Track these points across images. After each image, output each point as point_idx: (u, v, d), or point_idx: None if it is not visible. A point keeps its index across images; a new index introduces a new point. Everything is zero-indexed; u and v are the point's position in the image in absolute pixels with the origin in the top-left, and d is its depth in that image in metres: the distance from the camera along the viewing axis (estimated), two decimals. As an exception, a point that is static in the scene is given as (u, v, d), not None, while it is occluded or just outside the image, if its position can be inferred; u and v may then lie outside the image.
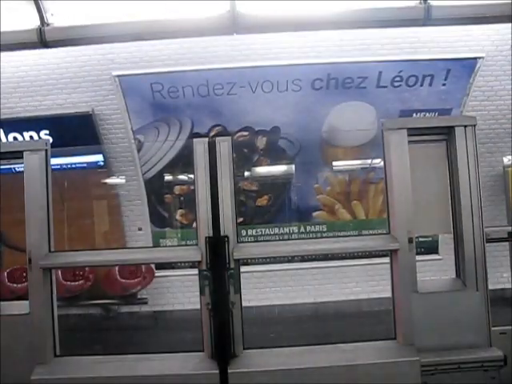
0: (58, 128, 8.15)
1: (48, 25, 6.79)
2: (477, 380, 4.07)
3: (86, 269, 8.44)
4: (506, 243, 5.24)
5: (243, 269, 4.28)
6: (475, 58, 8.12)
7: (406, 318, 4.16)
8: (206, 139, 4.27)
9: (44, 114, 8.31)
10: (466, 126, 4.32)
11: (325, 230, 8.97)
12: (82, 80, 8.27)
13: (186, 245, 7.98)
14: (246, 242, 8.06)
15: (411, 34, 7.77)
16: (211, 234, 4.10)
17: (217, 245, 4.08)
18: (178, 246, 8.49)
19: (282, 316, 8.48)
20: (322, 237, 8.63)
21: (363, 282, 8.71)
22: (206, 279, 4.09)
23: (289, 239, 8.54)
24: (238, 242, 4.23)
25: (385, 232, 4.38)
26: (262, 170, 9.03)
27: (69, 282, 8.51)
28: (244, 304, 4.22)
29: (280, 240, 8.54)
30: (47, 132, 8.29)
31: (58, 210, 5.10)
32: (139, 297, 8.69)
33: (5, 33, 6.57)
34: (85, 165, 8.74)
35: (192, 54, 8.08)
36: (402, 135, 4.28)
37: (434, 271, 7.72)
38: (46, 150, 4.34)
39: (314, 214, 9.00)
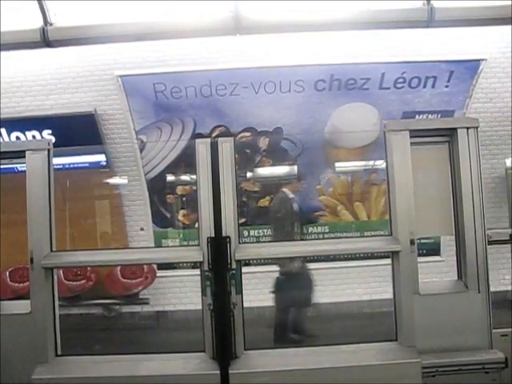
0: (61, 127, 8.14)
1: (51, 24, 6.80)
2: (478, 382, 4.07)
3: (88, 268, 8.45)
4: (508, 245, 5.24)
5: (245, 269, 4.28)
6: (478, 60, 8.12)
7: (407, 319, 4.16)
8: (209, 140, 4.27)
9: (47, 113, 8.31)
10: (468, 128, 4.32)
11: (327, 231, 8.98)
12: (85, 80, 8.28)
13: (188, 245, 7.98)
14: (247, 242, 8.06)
15: (414, 35, 7.75)
16: (213, 235, 4.10)
17: (218, 245, 4.08)
18: (180, 246, 8.49)
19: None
20: (324, 238, 8.64)
21: (365, 284, 8.70)
22: (208, 280, 4.09)
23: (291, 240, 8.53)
24: (239, 242, 4.23)
25: (387, 233, 4.38)
26: (265, 170, 9.02)
27: (70, 282, 8.53)
28: (245, 305, 4.22)
29: (282, 241, 8.54)
30: (50, 131, 8.27)
31: (60, 209, 5.09)
32: (141, 297, 8.70)
33: (8, 32, 6.58)
34: (87, 164, 8.74)
35: (195, 55, 8.08)
36: (404, 137, 4.28)
37: (436, 273, 7.71)
38: (49, 150, 4.34)
39: (316, 214, 9.00)
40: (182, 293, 8.80)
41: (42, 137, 8.23)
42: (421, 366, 3.95)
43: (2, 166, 4.58)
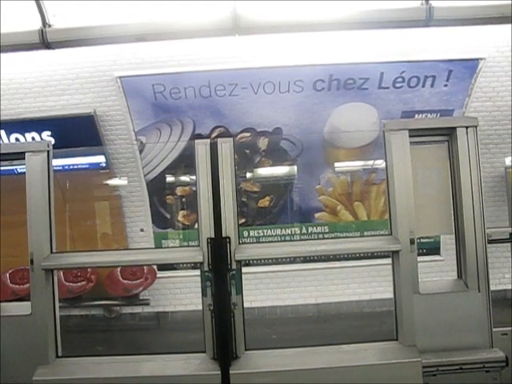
0: (60, 129, 8.15)
1: (50, 26, 6.78)
2: (478, 381, 4.07)
3: (88, 270, 8.46)
4: (508, 244, 5.24)
5: (245, 270, 4.29)
6: (477, 59, 8.11)
7: (407, 318, 4.16)
8: (208, 140, 4.28)
9: (46, 115, 8.29)
10: (467, 127, 4.33)
11: (327, 231, 8.97)
12: (84, 81, 8.27)
13: (188, 246, 7.98)
14: (247, 243, 8.06)
15: (413, 34, 7.75)
16: (213, 235, 4.11)
17: (218, 246, 4.09)
18: (180, 247, 8.49)
19: (284, 317, 8.48)
20: (323, 238, 8.64)
21: (365, 283, 8.71)
22: (208, 280, 4.09)
23: (291, 240, 8.54)
24: (239, 243, 4.23)
25: (386, 233, 4.39)
26: (264, 171, 9.02)
27: (71, 283, 8.53)
28: (246, 305, 4.23)
29: (282, 241, 8.54)
30: (49, 133, 8.28)
31: (59, 211, 5.09)
32: (141, 298, 8.70)
33: (6, 34, 6.57)
34: (87, 166, 8.73)
35: (194, 55, 8.07)
36: (403, 136, 4.29)
37: (436, 272, 7.72)
38: (48, 151, 4.35)
39: (316, 215, 8.99)
40: (182, 293, 8.80)
41: (42, 138, 8.23)
42: (421, 365, 3.96)
43: (2, 168, 4.59)
